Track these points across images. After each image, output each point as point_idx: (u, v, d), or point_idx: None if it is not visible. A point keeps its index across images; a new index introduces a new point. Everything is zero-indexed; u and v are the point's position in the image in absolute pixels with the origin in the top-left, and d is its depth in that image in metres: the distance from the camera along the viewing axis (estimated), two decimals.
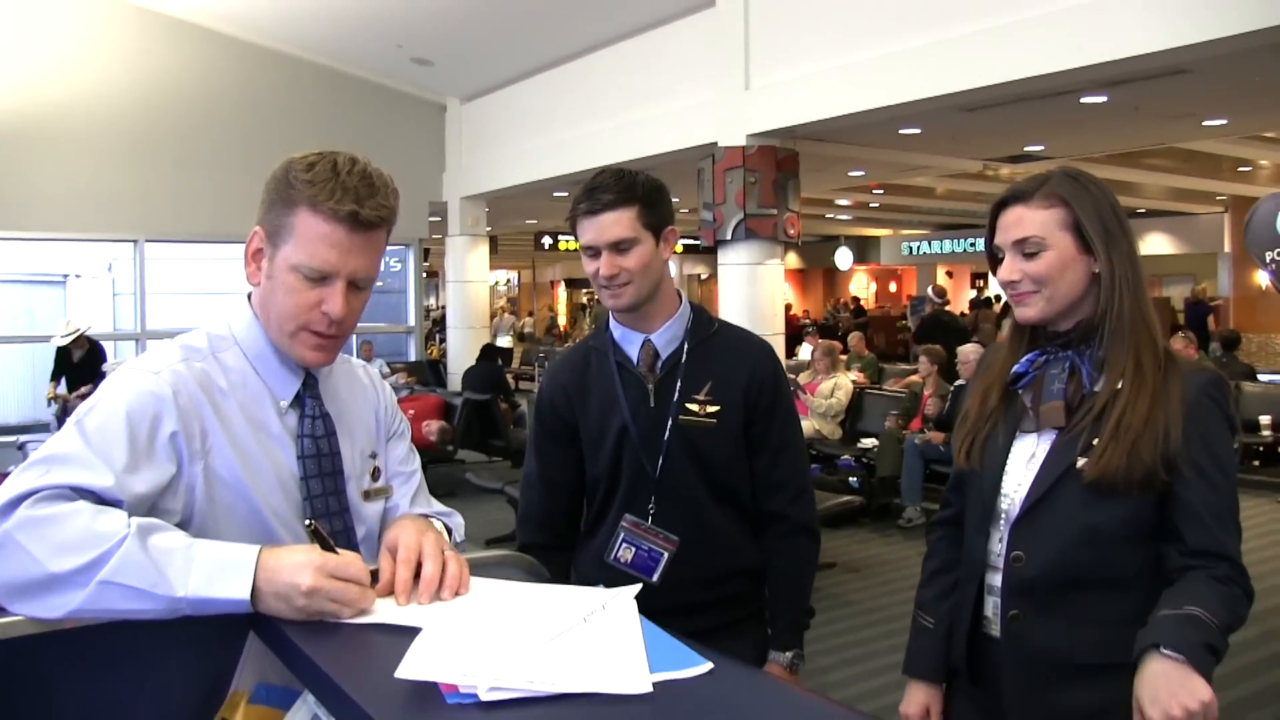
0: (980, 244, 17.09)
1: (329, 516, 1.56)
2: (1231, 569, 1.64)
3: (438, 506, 1.74)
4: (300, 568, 1.25)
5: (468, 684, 1.02)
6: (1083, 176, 1.80)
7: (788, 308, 17.09)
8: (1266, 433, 9.21)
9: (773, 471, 2.26)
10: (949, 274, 27.17)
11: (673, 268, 18.26)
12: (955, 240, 25.02)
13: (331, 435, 1.60)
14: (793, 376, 9.56)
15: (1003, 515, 1.80)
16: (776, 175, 8.56)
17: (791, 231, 8.85)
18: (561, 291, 34.23)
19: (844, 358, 10.48)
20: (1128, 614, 1.67)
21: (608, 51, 10.40)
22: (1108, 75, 7.09)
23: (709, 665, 1.11)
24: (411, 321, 13.85)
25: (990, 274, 1.93)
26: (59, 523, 1.25)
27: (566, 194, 14.05)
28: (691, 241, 18.31)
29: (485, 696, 1.01)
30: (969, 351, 7.93)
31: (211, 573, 1.25)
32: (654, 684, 1.05)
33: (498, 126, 12.39)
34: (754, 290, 8.73)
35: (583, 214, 2.14)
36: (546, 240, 20.57)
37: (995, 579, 1.81)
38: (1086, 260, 1.75)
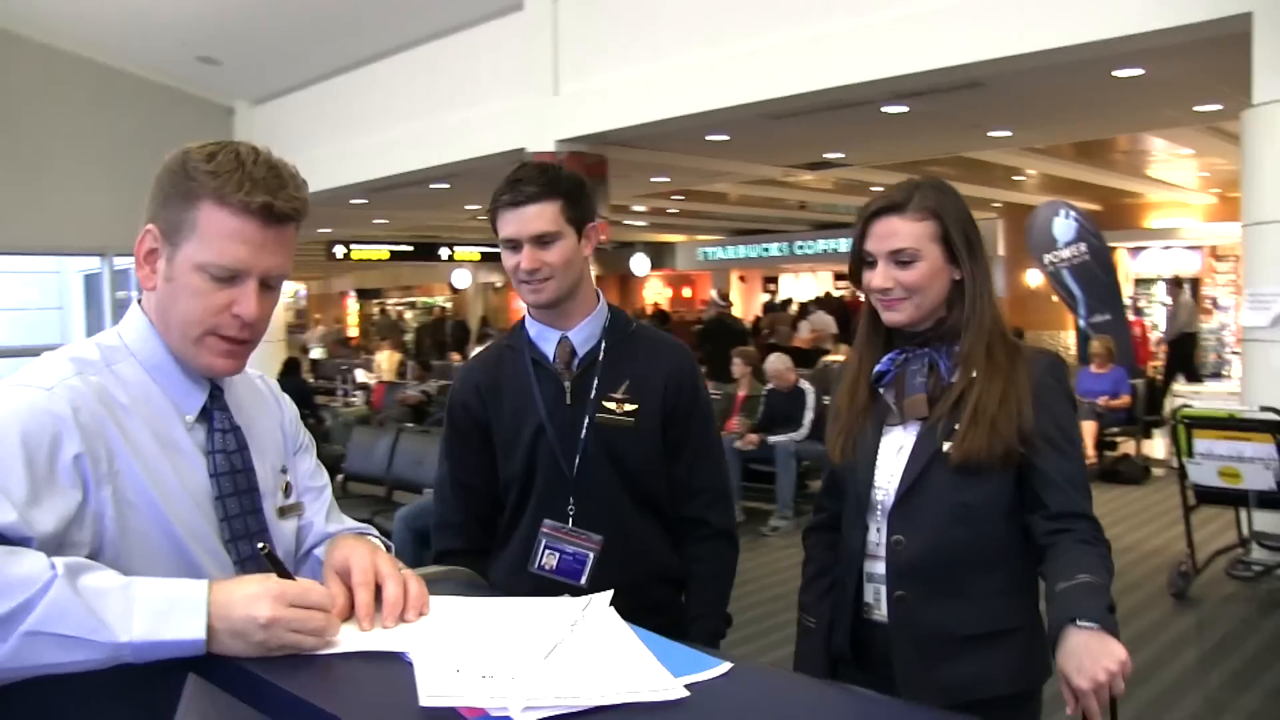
0: (772, 249, 17.73)
1: (249, 538, 1.43)
2: (1092, 527, 1.79)
3: (350, 523, 1.64)
4: (255, 599, 1.16)
5: (498, 706, 0.99)
6: (946, 189, 1.92)
7: None
8: None
9: (691, 476, 2.22)
10: (741, 279, 27.82)
11: (468, 277, 17.96)
12: (750, 246, 25.58)
13: (244, 449, 1.47)
14: None
15: (879, 505, 1.90)
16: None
17: (602, 238, 8.74)
18: (352, 303, 33.23)
19: None
20: (1001, 586, 1.86)
21: (410, 54, 10.08)
22: (909, 86, 7.33)
23: (728, 665, 1.12)
24: None
25: (852, 276, 1.98)
26: None
27: (366, 201, 13.62)
28: (492, 250, 18.07)
29: (520, 718, 0.98)
30: (775, 361, 8.20)
31: (158, 613, 1.14)
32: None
33: (292, 131, 11.78)
34: None
35: (504, 205, 2.08)
36: (339, 249, 19.79)
37: (875, 567, 1.91)
38: (949, 269, 1.87)
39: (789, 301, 24.09)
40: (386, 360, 14.18)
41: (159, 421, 1.38)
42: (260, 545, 1.28)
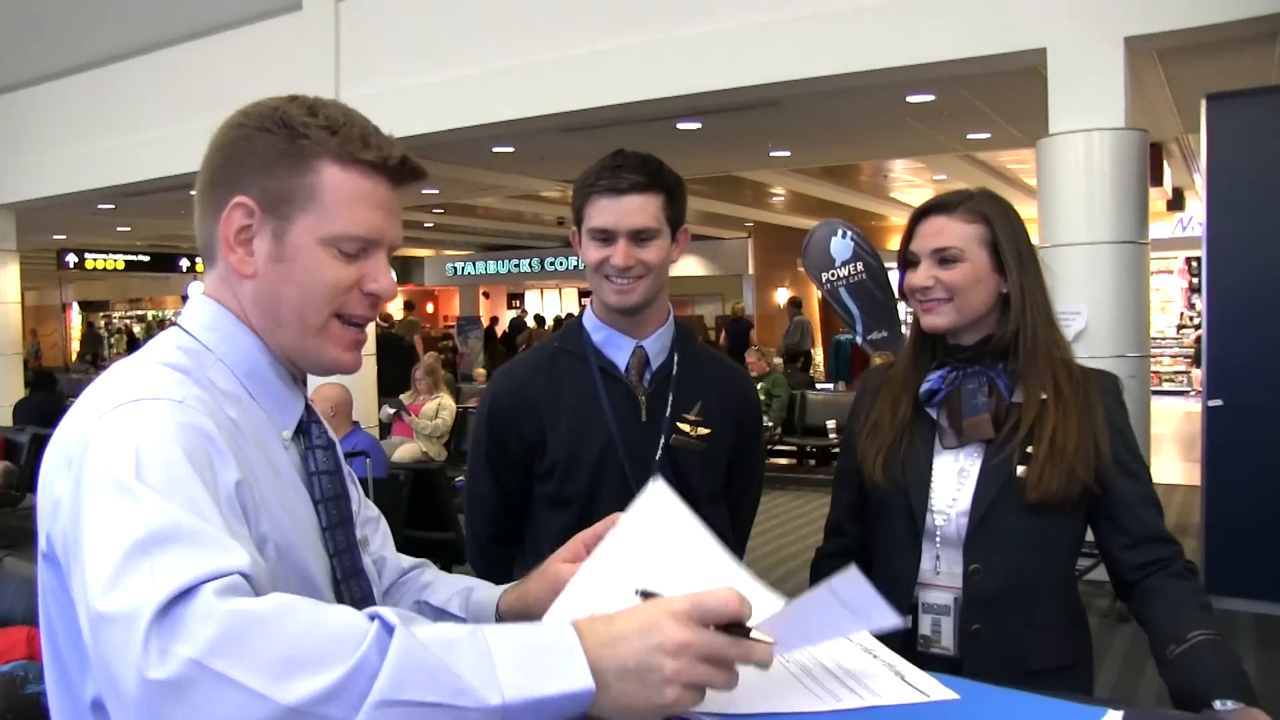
0: (524, 264, 17.69)
1: (357, 577, 1.21)
2: (1177, 553, 1.74)
3: (407, 558, 1.43)
4: (653, 625, 0.89)
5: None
6: (1002, 201, 1.86)
7: None
8: (833, 435, 9.99)
9: (733, 514, 2.11)
10: (485, 294, 27.56)
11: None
12: (500, 261, 25.36)
13: (340, 471, 1.24)
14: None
15: (937, 532, 1.80)
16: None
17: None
18: (75, 315, 30.51)
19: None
20: (1066, 616, 1.82)
21: (176, 50, 9.21)
22: (708, 103, 7.31)
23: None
24: None
25: (899, 281, 1.91)
26: (268, 628, 0.83)
27: (113, 206, 12.42)
28: None
29: None
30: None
31: (527, 663, 0.86)
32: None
33: (28, 127, 10.67)
34: None
35: (602, 191, 1.89)
36: (71, 258, 17.97)
37: (934, 596, 1.81)
38: (997, 279, 1.79)
39: (538, 318, 24.16)
40: None
41: (263, 441, 1.13)
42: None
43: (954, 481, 1.80)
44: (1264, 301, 5.83)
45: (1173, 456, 11.01)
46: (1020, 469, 1.74)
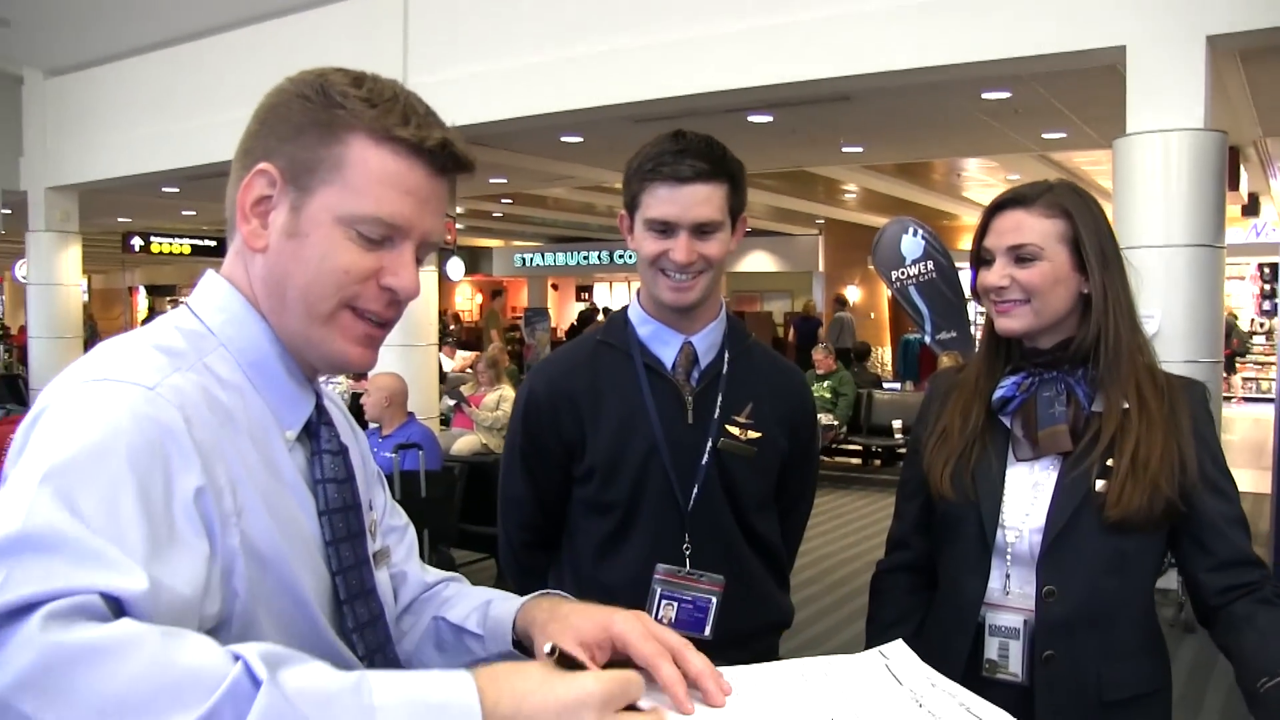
0: (592, 256, 17.73)
1: (352, 601, 1.07)
2: (1265, 577, 1.64)
3: (434, 571, 1.31)
4: (573, 708, 0.79)
5: None
6: (1084, 193, 1.74)
7: None
8: (899, 435, 9.90)
9: (783, 521, 1.97)
10: (554, 286, 27.61)
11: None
12: (568, 253, 25.41)
13: (353, 479, 1.12)
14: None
15: (1008, 550, 1.68)
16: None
17: (449, 238, 8.36)
18: (142, 299, 31.17)
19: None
20: (1144, 643, 1.70)
21: (242, 32, 9.28)
22: (781, 96, 7.25)
23: None
24: None
25: (971, 280, 1.80)
26: (97, 666, 0.70)
27: (178, 190, 12.64)
28: None
29: None
30: None
31: None
32: None
33: (96, 107, 10.72)
34: None
35: (664, 179, 1.71)
36: (136, 241, 18.28)
37: (1002, 618, 1.69)
38: (1078, 279, 1.68)
39: (606, 310, 24.14)
40: None
41: (263, 439, 1.02)
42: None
43: (1028, 496, 1.69)
44: None
45: (1243, 463, 10.76)
46: (1100, 484, 1.63)
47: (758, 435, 1.84)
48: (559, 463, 1.87)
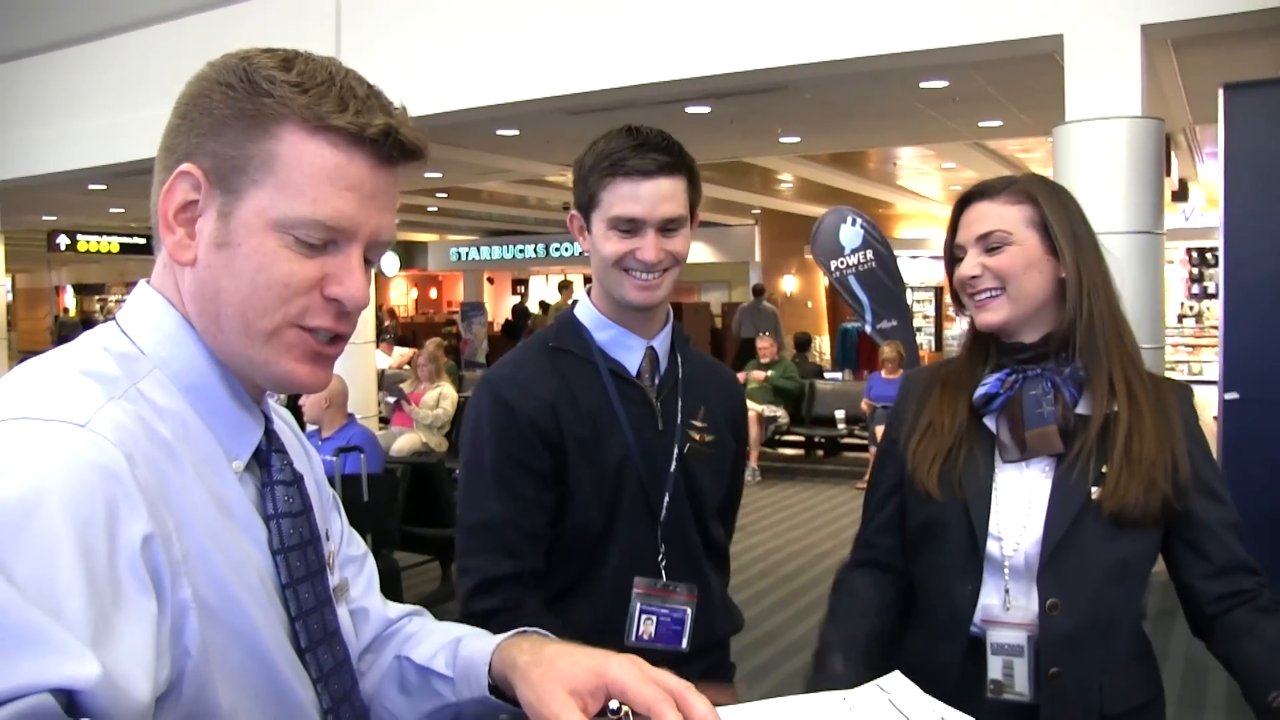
0: (528, 250, 17.65)
1: (314, 649, 0.97)
2: (1261, 584, 1.61)
3: (396, 606, 1.21)
4: None
5: None
6: (1050, 181, 1.73)
7: None
8: (841, 426, 9.93)
9: (723, 524, 1.92)
10: (490, 280, 27.45)
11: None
12: (504, 246, 25.26)
13: (309, 511, 1.01)
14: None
15: (1005, 562, 1.61)
16: None
17: None
18: (69, 298, 30.44)
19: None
20: (1139, 651, 1.68)
21: (172, 25, 9.03)
22: (719, 86, 7.21)
23: None
24: None
25: (947, 278, 1.76)
26: None
27: (105, 187, 12.30)
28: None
29: None
30: None
31: None
32: None
33: (17, 103, 10.42)
34: None
35: (629, 173, 1.62)
36: (63, 240, 17.81)
37: (1004, 635, 1.61)
38: (1053, 263, 1.64)
39: (543, 304, 24.02)
40: None
41: (208, 473, 0.91)
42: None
43: (1021, 503, 1.63)
44: None
45: None
46: (1095, 491, 1.58)
47: (713, 438, 1.81)
48: (550, 473, 1.70)
